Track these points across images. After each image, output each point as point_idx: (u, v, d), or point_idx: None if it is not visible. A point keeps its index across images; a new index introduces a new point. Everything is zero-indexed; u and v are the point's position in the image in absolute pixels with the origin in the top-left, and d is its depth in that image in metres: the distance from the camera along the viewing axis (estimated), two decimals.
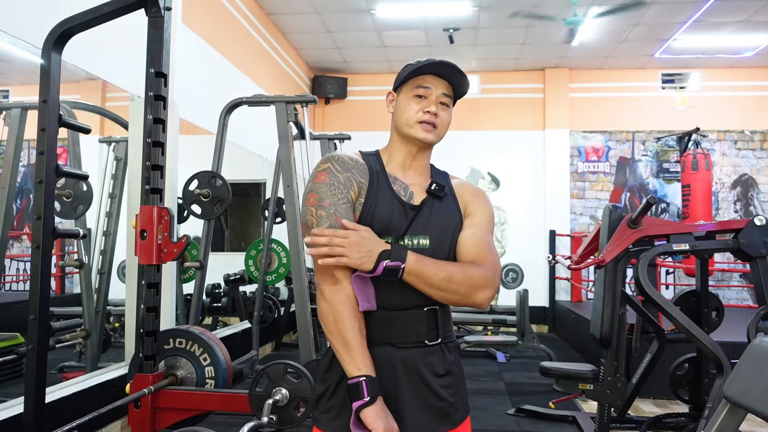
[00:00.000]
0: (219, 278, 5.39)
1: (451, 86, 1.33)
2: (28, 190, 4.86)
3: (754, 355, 0.93)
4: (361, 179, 1.28)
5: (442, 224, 1.29)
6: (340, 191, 1.24)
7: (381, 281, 1.22)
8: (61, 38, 1.93)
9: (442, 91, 1.32)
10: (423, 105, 1.30)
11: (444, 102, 1.32)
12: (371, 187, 1.27)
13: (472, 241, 1.29)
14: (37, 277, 1.84)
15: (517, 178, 7.74)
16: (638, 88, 7.73)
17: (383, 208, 1.26)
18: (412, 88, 1.32)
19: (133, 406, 2.13)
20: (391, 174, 1.34)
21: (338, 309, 1.20)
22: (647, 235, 2.89)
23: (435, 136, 1.32)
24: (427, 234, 1.27)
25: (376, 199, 1.26)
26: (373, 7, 5.84)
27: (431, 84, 1.31)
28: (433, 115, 1.30)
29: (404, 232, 1.26)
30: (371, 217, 1.25)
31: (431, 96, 1.31)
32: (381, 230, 1.25)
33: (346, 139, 5.00)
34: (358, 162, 1.31)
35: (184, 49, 4.06)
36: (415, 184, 1.33)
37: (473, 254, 1.27)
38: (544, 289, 7.54)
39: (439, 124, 1.32)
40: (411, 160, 1.35)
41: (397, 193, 1.30)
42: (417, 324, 1.25)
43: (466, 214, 1.33)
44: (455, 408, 1.29)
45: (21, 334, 3.59)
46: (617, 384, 2.99)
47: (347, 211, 1.23)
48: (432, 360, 1.26)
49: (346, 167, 1.27)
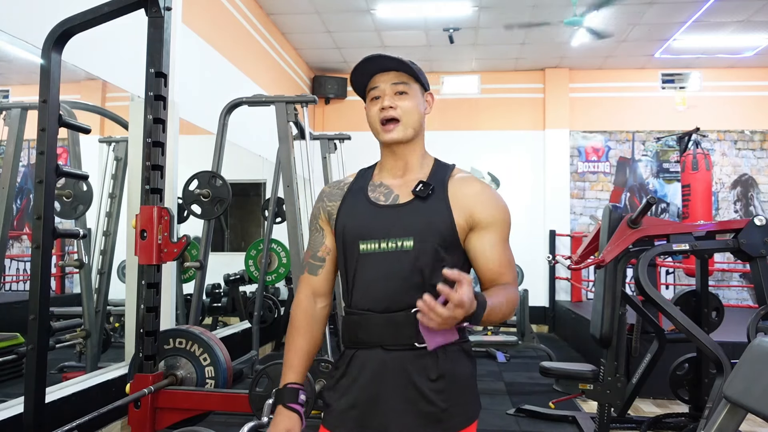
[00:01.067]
0: (219, 278, 5.39)
1: (403, 72, 1.30)
2: (28, 190, 4.87)
3: (754, 355, 0.93)
4: (330, 203, 1.37)
5: (426, 224, 1.25)
6: (315, 238, 1.40)
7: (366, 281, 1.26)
8: (61, 38, 1.93)
9: (391, 82, 1.29)
10: (378, 105, 1.30)
11: (400, 90, 1.29)
12: (342, 204, 1.35)
13: (491, 254, 1.26)
14: (37, 277, 1.84)
15: (517, 178, 7.74)
16: (638, 88, 7.73)
17: (352, 217, 1.31)
18: (368, 93, 1.33)
19: (133, 406, 2.13)
20: (377, 182, 1.35)
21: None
22: (647, 235, 2.89)
23: (402, 130, 1.29)
24: (410, 235, 1.24)
25: (346, 212, 1.33)
26: (373, 7, 5.84)
27: (378, 82, 1.30)
28: (391, 108, 1.28)
29: (384, 235, 1.26)
30: (342, 227, 1.31)
31: (383, 93, 1.30)
32: (356, 237, 1.28)
33: (345, 139, 4.99)
34: (341, 184, 1.40)
35: (184, 49, 4.06)
36: (402, 185, 1.31)
37: (494, 271, 1.26)
38: (544, 289, 7.54)
39: (403, 114, 1.29)
40: (397, 162, 1.34)
41: (374, 199, 1.31)
42: (405, 326, 1.22)
43: (474, 218, 1.26)
44: (449, 414, 1.23)
45: (21, 334, 3.60)
46: (617, 384, 2.99)
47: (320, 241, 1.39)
48: (425, 363, 1.23)
49: (319, 199, 1.41)
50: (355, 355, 1.28)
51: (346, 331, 1.30)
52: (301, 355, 1.33)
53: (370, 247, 1.26)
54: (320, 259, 1.37)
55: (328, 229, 1.37)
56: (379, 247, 1.25)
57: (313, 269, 1.37)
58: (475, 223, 1.27)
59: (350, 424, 1.25)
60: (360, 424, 1.24)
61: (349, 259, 1.29)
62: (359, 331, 1.27)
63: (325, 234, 1.38)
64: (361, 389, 1.25)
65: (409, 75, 1.30)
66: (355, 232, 1.28)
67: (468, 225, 1.27)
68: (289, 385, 1.30)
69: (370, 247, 1.26)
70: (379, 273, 1.25)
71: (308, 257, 1.40)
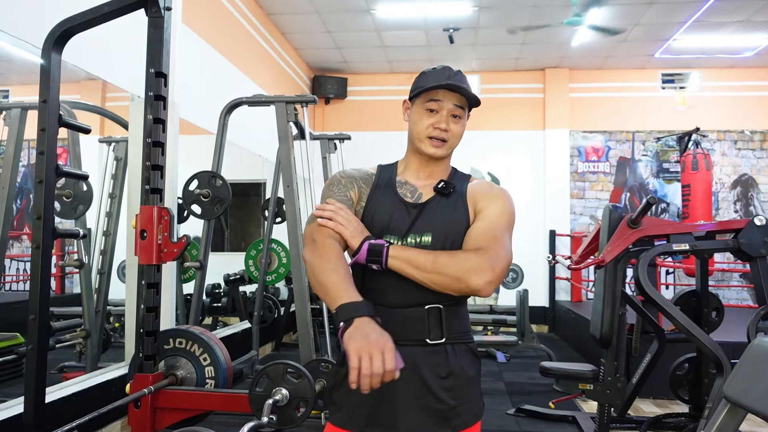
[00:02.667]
0: (219, 278, 5.39)
1: (464, 96, 1.32)
2: (28, 190, 4.87)
3: (754, 355, 0.93)
4: (363, 185, 1.36)
5: (446, 221, 1.29)
6: (340, 190, 1.35)
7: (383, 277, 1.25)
8: (61, 38, 1.93)
9: (453, 103, 1.31)
10: (434, 120, 1.31)
11: (456, 114, 1.32)
12: (373, 193, 1.35)
13: (476, 232, 1.28)
14: (37, 277, 1.84)
15: (517, 178, 7.74)
16: (638, 88, 7.73)
17: (382, 209, 1.32)
18: (424, 100, 1.32)
19: (133, 406, 2.13)
20: (402, 179, 1.37)
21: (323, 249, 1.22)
22: (647, 235, 2.89)
23: (445, 151, 1.34)
24: (429, 231, 1.28)
25: (376, 203, 1.33)
26: (373, 7, 5.84)
27: (443, 97, 1.31)
28: (443, 131, 1.31)
29: (407, 231, 1.28)
30: (371, 218, 1.31)
31: (442, 110, 1.31)
32: (382, 230, 1.30)
33: (346, 139, 4.99)
34: (367, 173, 1.40)
35: (184, 49, 4.06)
36: (426, 186, 1.35)
37: (473, 244, 1.25)
38: (544, 289, 7.54)
39: (450, 138, 1.33)
40: (424, 168, 1.37)
41: (401, 195, 1.34)
42: (416, 322, 1.24)
43: (477, 211, 1.32)
44: (457, 412, 1.25)
45: (21, 334, 3.60)
46: (617, 384, 2.99)
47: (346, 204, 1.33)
48: (435, 360, 1.25)
49: (349, 176, 1.38)
50: None
51: None
52: (351, 281, 1.16)
53: (392, 242, 1.28)
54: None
55: (356, 202, 1.35)
56: (401, 243, 1.28)
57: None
58: (477, 211, 1.32)
59: (359, 421, 1.25)
60: (370, 421, 1.25)
61: None
62: None
63: (351, 205, 1.33)
64: None
65: (467, 101, 1.33)
66: (382, 225, 1.31)
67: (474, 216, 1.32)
68: (356, 301, 1.10)
69: (392, 242, 1.28)
70: None
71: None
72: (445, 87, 1.29)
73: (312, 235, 1.26)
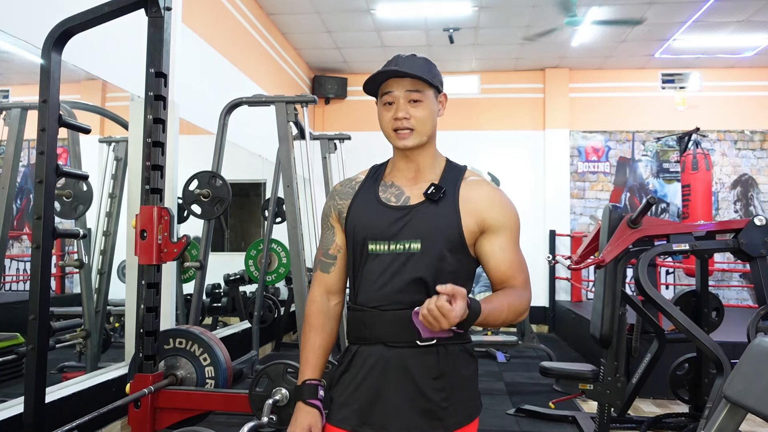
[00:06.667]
0: (219, 278, 5.39)
1: (418, 79, 1.27)
2: (28, 190, 4.86)
3: (754, 355, 0.93)
4: (340, 202, 1.38)
5: (435, 228, 1.26)
6: (325, 237, 1.42)
7: (372, 280, 1.27)
8: (61, 38, 1.93)
9: (406, 89, 1.28)
10: (392, 112, 1.29)
11: (414, 99, 1.28)
12: (354, 200, 1.36)
13: (502, 256, 1.28)
14: (37, 277, 1.84)
15: (517, 178, 7.73)
16: (638, 88, 7.73)
17: (363, 217, 1.32)
18: (381, 96, 1.32)
19: (133, 406, 2.13)
20: (388, 182, 1.36)
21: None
22: (647, 235, 2.89)
23: (416, 138, 1.30)
24: (418, 238, 1.26)
25: (357, 212, 1.34)
26: (373, 7, 5.84)
27: (394, 87, 1.29)
28: (404, 119, 1.28)
29: (393, 237, 1.27)
30: (353, 228, 1.33)
31: (397, 100, 1.29)
32: (365, 237, 1.30)
33: (346, 139, 4.99)
34: (350, 183, 1.41)
35: (184, 49, 4.05)
36: (414, 187, 1.33)
37: (504, 273, 1.28)
38: (544, 289, 7.53)
39: (416, 124, 1.29)
40: (409, 163, 1.35)
41: (385, 200, 1.32)
42: (408, 324, 1.22)
43: (486, 222, 1.28)
44: (449, 413, 1.25)
45: (21, 334, 3.59)
46: (617, 384, 2.99)
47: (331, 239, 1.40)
48: (427, 361, 1.25)
49: (329, 206, 1.41)
50: (358, 351, 1.30)
51: (351, 327, 1.33)
52: (318, 352, 1.35)
53: (378, 248, 1.28)
54: (332, 256, 1.39)
55: (339, 227, 1.39)
56: (388, 249, 1.27)
57: (326, 267, 1.39)
58: (486, 226, 1.29)
59: (353, 420, 1.27)
60: (362, 420, 1.26)
61: (358, 258, 1.32)
62: (363, 328, 1.29)
63: (335, 232, 1.39)
64: (363, 385, 1.27)
65: (423, 82, 1.29)
66: (365, 232, 1.30)
67: (479, 228, 1.29)
68: (308, 382, 1.33)
69: (378, 248, 1.28)
70: (385, 273, 1.27)
71: (320, 255, 1.41)
72: (391, 75, 1.27)
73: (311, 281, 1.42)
